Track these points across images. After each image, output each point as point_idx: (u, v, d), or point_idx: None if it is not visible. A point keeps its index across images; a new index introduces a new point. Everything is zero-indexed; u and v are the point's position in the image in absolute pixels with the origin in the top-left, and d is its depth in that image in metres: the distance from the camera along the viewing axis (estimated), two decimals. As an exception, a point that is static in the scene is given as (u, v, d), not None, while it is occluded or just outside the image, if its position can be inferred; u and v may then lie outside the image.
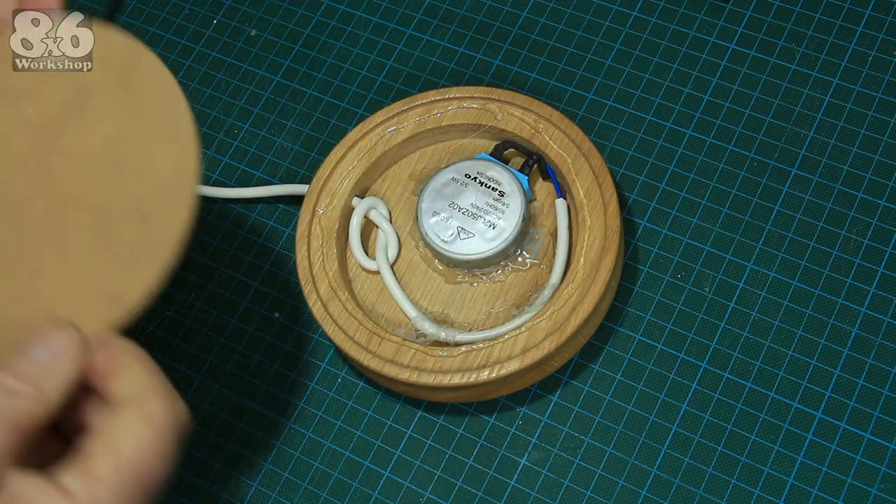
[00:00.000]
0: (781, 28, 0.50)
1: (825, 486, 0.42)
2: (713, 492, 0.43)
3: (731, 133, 0.49)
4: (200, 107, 0.55)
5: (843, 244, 0.46)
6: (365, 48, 0.54)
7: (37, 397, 0.30)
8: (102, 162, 0.36)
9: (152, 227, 0.35)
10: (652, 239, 0.47)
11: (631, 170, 0.49)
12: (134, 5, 0.58)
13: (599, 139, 0.50)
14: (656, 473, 0.43)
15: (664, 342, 0.45)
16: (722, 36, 0.51)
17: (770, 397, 0.44)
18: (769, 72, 0.49)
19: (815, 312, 0.45)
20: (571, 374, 0.46)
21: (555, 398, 0.45)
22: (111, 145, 0.36)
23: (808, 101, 0.49)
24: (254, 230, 0.51)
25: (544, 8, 0.53)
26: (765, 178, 0.47)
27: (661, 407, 0.44)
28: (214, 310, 0.50)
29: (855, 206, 0.46)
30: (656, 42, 0.51)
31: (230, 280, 0.50)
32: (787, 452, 0.43)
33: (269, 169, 0.53)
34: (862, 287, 0.45)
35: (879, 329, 0.44)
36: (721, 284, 0.46)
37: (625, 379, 0.45)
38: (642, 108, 0.50)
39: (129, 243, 0.35)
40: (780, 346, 0.44)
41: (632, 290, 0.47)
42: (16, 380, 0.30)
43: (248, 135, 0.54)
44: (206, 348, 0.49)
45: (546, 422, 0.45)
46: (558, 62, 0.52)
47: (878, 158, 0.47)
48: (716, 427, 0.44)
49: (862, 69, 0.49)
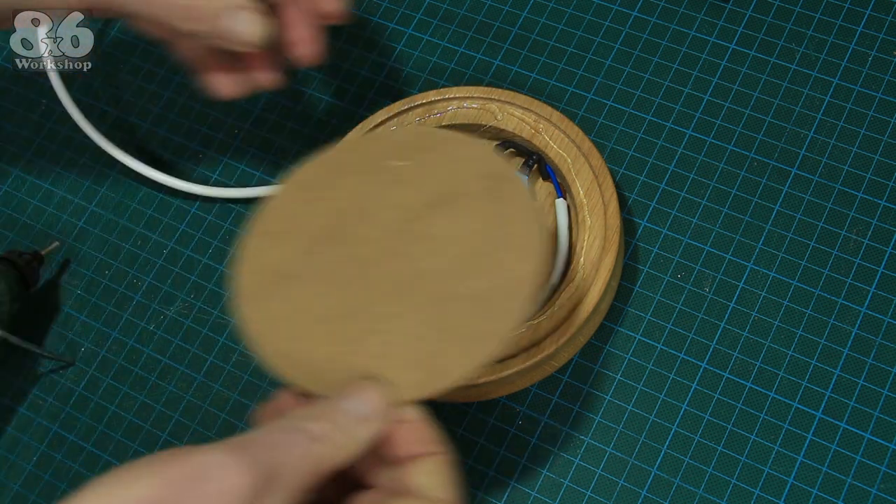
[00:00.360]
0: (781, 28, 0.50)
1: (825, 486, 0.42)
2: (713, 492, 0.43)
3: (731, 133, 0.49)
4: (201, 107, 0.55)
5: (843, 244, 0.46)
6: (365, 48, 0.54)
7: (338, 447, 0.32)
8: (457, 252, 0.40)
9: (486, 318, 0.38)
10: (652, 239, 0.47)
11: (631, 170, 0.49)
12: (134, 5, 0.58)
13: (599, 139, 0.50)
14: (656, 473, 0.43)
15: (664, 342, 0.45)
16: (722, 36, 0.51)
17: (770, 397, 0.44)
18: (769, 72, 0.49)
19: (815, 312, 0.45)
20: (571, 374, 0.46)
21: (555, 398, 0.45)
22: (469, 240, 0.40)
23: (808, 101, 0.49)
24: (254, 230, 0.51)
25: (544, 8, 0.53)
26: (765, 178, 0.47)
27: (661, 407, 0.44)
28: (214, 310, 0.50)
29: (855, 206, 0.46)
30: (656, 42, 0.51)
31: (230, 280, 0.50)
32: (787, 452, 0.43)
33: (268, 169, 0.53)
34: (862, 287, 0.45)
35: (879, 329, 0.44)
36: (721, 284, 0.46)
37: (625, 379, 0.45)
38: (642, 108, 0.50)
39: (461, 328, 0.38)
40: (780, 346, 0.44)
41: (632, 290, 0.47)
42: (326, 426, 0.32)
43: (249, 135, 0.54)
44: (206, 348, 0.49)
45: (546, 422, 0.45)
46: (558, 62, 0.52)
47: (878, 158, 0.47)
48: (716, 427, 0.44)
49: (862, 69, 0.49)
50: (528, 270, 0.39)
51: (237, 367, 0.49)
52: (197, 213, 0.52)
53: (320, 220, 0.42)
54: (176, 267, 0.51)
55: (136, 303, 0.51)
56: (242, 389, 0.48)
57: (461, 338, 0.38)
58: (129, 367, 0.50)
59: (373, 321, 0.39)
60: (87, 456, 0.48)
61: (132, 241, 0.52)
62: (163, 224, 0.52)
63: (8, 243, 0.54)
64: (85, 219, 0.53)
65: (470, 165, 0.42)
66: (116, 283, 0.52)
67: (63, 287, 0.52)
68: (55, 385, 0.50)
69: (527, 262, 0.39)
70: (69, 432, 0.49)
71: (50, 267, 0.53)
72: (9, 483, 0.49)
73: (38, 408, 0.50)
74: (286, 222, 0.42)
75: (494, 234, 0.40)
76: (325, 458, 0.31)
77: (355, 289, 0.40)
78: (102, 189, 0.54)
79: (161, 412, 0.48)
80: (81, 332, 0.51)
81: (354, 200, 0.42)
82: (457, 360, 0.37)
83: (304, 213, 0.42)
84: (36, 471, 0.49)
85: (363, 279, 0.40)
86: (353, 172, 0.43)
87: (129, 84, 0.56)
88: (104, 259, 0.52)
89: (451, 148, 0.43)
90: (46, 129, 0.56)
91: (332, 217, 0.42)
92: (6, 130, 0.57)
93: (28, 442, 0.49)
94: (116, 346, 0.50)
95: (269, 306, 0.40)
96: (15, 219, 0.54)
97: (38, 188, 0.55)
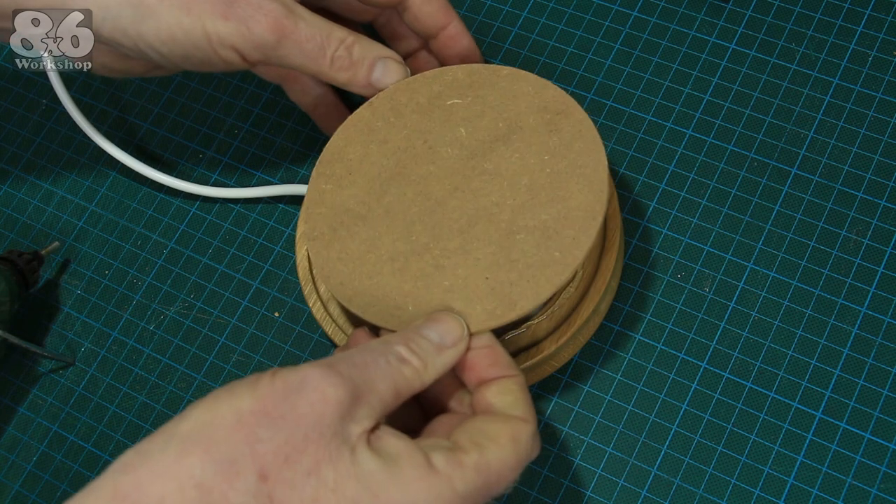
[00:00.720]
0: (781, 28, 0.50)
1: (825, 486, 0.42)
2: (713, 492, 0.43)
3: (732, 133, 0.49)
4: (201, 107, 0.55)
5: (843, 244, 0.46)
6: None
7: (420, 371, 0.35)
8: (520, 186, 0.41)
9: (553, 248, 0.39)
10: (652, 239, 0.47)
11: (631, 170, 0.49)
12: (134, 5, 0.58)
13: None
14: (656, 473, 0.43)
15: (664, 342, 0.45)
16: (722, 36, 0.51)
17: (770, 397, 0.44)
18: (769, 72, 0.49)
19: (815, 312, 0.45)
20: (571, 374, 0.46)
21: (555, 398, 0.45)
22: (530, 173, 0.41)
23: (808, 101, 0.49)
24: (254, 230, 0.51)
25: (544, 8, 0.53)
26: (765, 178, 0.47)
27: (661, 407, 0.44)
28: (214, 310, 0.50)
29: (855, 206, 0.46)
30: (656, 42, 0.51)
31: (230, 280, 0.50)
32: (787, 452, 0.43)
33: (269, 169, 0.53)
34: (862, 287, 0.45)
35: (879, 329, 0.44)
36: (721, 284, 0.46)
37: (625, 379, 0.45)
38: (642, 109, 0.50)
39: (529, 258, 0.39)
40: (780, 346, 0.44)
41: (632, 290, 0.47)
42: (408, 351, 0.35)
43: (249, 135, 0.54)
44: (206, 348, 0.49)
45: (546, 422, 0.45)
46: (558, 62, 0.52)
47: (878, 158, 0.47)
48: (716, 427, 0.44)
49: (862, 69, 0.49)
50: (592, 200, 0.40)
51: (237, 368, 0.49)
52: (197, 213, 0.52)
53: (384, 159, 0.43)
54: (176, 267, 0.51)
55: (136, 303, 0.51)
56: (242, 389, 0.48)
57: (530, 268, 0.39)
58: (129, 367, 0.50)
59: (442, 256, 0.40)
60: (87, 456, 0.48)
61: (132, 240, 0.52)
62: (163, 224, 0.52)
63: (8, 243, 0.54)
64: (85, 219, 0.53)
65: (526, 100, 0.43)
66: (116, 283, 0.52)
67: (63, 287, 0.52)
68: (55, 385, 0.50)
69: (591, 192, 0.40)
70: (69, 432, 0.49)
71: (50, 267, 0.53)
72: (9, 483, 0.49)
73: (38, 408, 0.50)
74: (350, 164, 0.43)
75: (556, 166, 0.41)
76: (409, 379, 0.34)
77: (423, 226, 0.41)
78: (102, 189, 0.54)
79: (161, 412, 0.48)
80: (81, 332, 0.51)
81: (415, 139, 0.43)
82: (526, 290, 0.39)
83: (366, 154, 0.44)
84: (36, 471, 0.49)
85: (430, 216, 0.41)
86: (411, 112, 0.44)
87: (128, 84, 0.56)
88: (104, 259, 0.52)
89: (507, 83, 0.44)
90: (46, 129, 0.56)
91: (394, 156, 0.43)
92: (6, 130, 0.57)
93: (28, 442, 0.49)
94: (116, 346, 0.50)
95: (341, 247, 0.42)
96: (15, 219, 0.54)
97: (38, 188, 0.55)
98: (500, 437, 0.34)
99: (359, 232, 0.42)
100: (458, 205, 0.41)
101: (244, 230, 0.51)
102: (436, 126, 0.43)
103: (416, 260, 0.41)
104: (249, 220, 0.51)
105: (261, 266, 0.50)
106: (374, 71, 0.43)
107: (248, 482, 0.30)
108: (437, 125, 0.43)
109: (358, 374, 0.33)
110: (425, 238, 0.41)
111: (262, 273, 0.50)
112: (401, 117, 0.44)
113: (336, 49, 0.42)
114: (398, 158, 0.43)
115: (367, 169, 0.43)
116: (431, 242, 0.41)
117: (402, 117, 0.44)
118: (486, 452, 0.33)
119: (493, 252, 0.40)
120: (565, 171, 0.41)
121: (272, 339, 0.49)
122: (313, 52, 0.42)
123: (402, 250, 0.41)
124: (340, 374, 0.32)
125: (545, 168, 0.41)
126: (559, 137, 0.42)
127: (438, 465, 0.32)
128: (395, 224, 0.42)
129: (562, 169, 0.41)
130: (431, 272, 0.40)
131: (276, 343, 0.49)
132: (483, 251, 0.40)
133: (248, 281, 0.50)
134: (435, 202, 0.42)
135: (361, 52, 0.43)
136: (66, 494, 0.48)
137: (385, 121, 0.44)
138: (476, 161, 0.42)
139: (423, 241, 0.41)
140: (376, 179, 0.43)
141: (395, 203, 0.42)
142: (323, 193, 0.43)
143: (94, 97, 0.56)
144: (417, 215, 0.42)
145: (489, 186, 0.41)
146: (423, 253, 0.41)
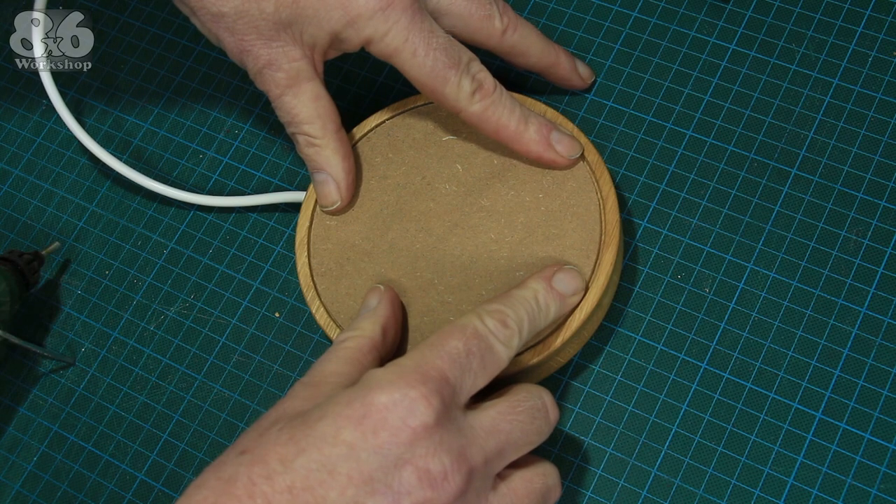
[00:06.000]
0: (781, 29, 0.50)
1: (825, 487, 0.42)
2: (713, 492, 0.43)
3: (731, 134, 0.49)
4: (201, 107, 0.55)
5: (843, 245, 0.46)
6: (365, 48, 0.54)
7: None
8: (516, 224, 0.43)
9: None
10: (652, 239, 0.47)
11: (631, 170, 0.49)
12: (134, 6, 0.58)
13: (599, 140, 0.50)
14: (656, 474, 0.43)
15: (664, 343, 0.45)
16: (722, 37, 0.51)
17: (770, 398, 0.44)
18: (769, 72, 0.49)
19: (815, 313, 0.45)
20: (571, 375, 0.46)
21: (555, 399, 0.45)
22: (526, 211, 0.43)
23: (808, 102, 0.49)
24: (254, 230, 0.51)
25: (544, 8, 0.53)
26: (765, 178, 0.47)
27: (661, 407, 0.44)
28: (214, 310, 0.50)
29: (855, 207, 0.46)
30: (656, 43, 0.51)
31: (230, 280, 0.50)
32: (787, 453, 0.43)
33: (269, 169, 0.53)
34: (862, 287, 0.45)
35: (879, 329, 0.44)
36: (721, 285, 0.46)
37: (625, 379, 0.45)
38: (642, 109, 0.50)
39: None
40: (780, 347, 0.44)
41: (632, 291, 0.47)
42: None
43: (249, 135, 0.54)
44: (206, 349, 0.49)
45: (546, 422, 0.45)
46: (558, 63, 0.52)
47: (878, 159, 0.47)
48: (716, 427, 0.44)
49: (862, 70, 0.49)
50: (587, 239, 0.42)
51: (237, 368, 0.49)
52: (197, 214, 0.52)
53: (384, 195, 0.45)
54: (176, 267, 0.51)
55: (136, 303, 0.51)
56: (243, 390, 0.48)
57: None
58: (129, 367, 0.50)
59: (446, 292, 0.42)
60: (88, 456, 0.48)
61: (132, 241, 0.52)
62: (163, 224, 0.52)
63: (8, 243, 0.54)
64: (85, 219, 0.53)
65: None
66: (117, 284, 0.52)
67: (63, 287, 0.52)
68: (55, 385, 0.50)
69: (585, 231, 0.42)
70: (69, 432, 0.49)
71: (50, 267, 0.53)
72: (9, 483, 0.49)
73: (38, 408, 0.50)
74: (353, 199, 0.45)
75: (550, 205, 0.43)
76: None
77: (426, 262, 0.43)
78: (103, 189, 0.54)
79: (161, 412, 0.48)
80: (81, 332, 0.51)
81: (413, 175, 0.45)
82: None
83: (367, 190, 0.45)
84: (36, 471, 0.49)
85: (432, 252, 0.43)
86: (409, 148, 0.45)
87: (128, 84, 0.56)
88: (104, 259, 0.52)
89: None
90: (47, 130, 0.56)
91: (395, 193, 0.44)
92: (6, 130, 0.57)
93: (28, 442, 0.49)
94: (117, 347, 0.50)
95: (349, 283, 0.43)
96: (15, 219, 0.54)
97: (38, 188, 0.55)
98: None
99: (365, 268, 0.43)
100: (459, 241, 0.43)
101: (244, 230, 0.51)
102: (433, 162, 0.45)
103: (421, 296, 0.42)
104: (250, 221, 0.51)
105: (261, 266, 0.50)
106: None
107: None
108: (434, 161, 0.45)
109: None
110: (429, 274, 0.43)
111: (262, 273, 0.50)
112: (399, 153, 0.45)
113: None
114: (398, 195, 0.44)
115: (369, 205, 0.45)
116: (435, 278, 0.42)
117: (399, 153, 0.45)
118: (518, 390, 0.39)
119: (495, 288, 0.42)
120: (559, 210, 0.43)
121: (273, 339, 0.49)
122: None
123: (408, 286, 0.43)
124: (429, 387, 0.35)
125: (540, 206, 0.43)
126: (552, 176, 0.43)
127: None
128: (399, 260, 0.43)
129: (556, 208, 0.43)
130: (437, 307, 0.42)
131: (277, 343, 0.49)
132: (485, 287, 0.42)
133: (249, 281, 0.50)
134: (436, 238, 0.43)
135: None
136: (66, 494, 0.48)
137: (383, 157, 0.45)
138: (473, 198, 0.44)
139: (427, 278, 0.42)
140: (379, 215, 0.44)
141: (399, 239, 0.44)
142: (328, 230, 0.45)
143: (94, 97, 0.56)
144: (421, 252, 0.43)
145: (487, 223, 0.43)
146: (428, 289, 0.42)
